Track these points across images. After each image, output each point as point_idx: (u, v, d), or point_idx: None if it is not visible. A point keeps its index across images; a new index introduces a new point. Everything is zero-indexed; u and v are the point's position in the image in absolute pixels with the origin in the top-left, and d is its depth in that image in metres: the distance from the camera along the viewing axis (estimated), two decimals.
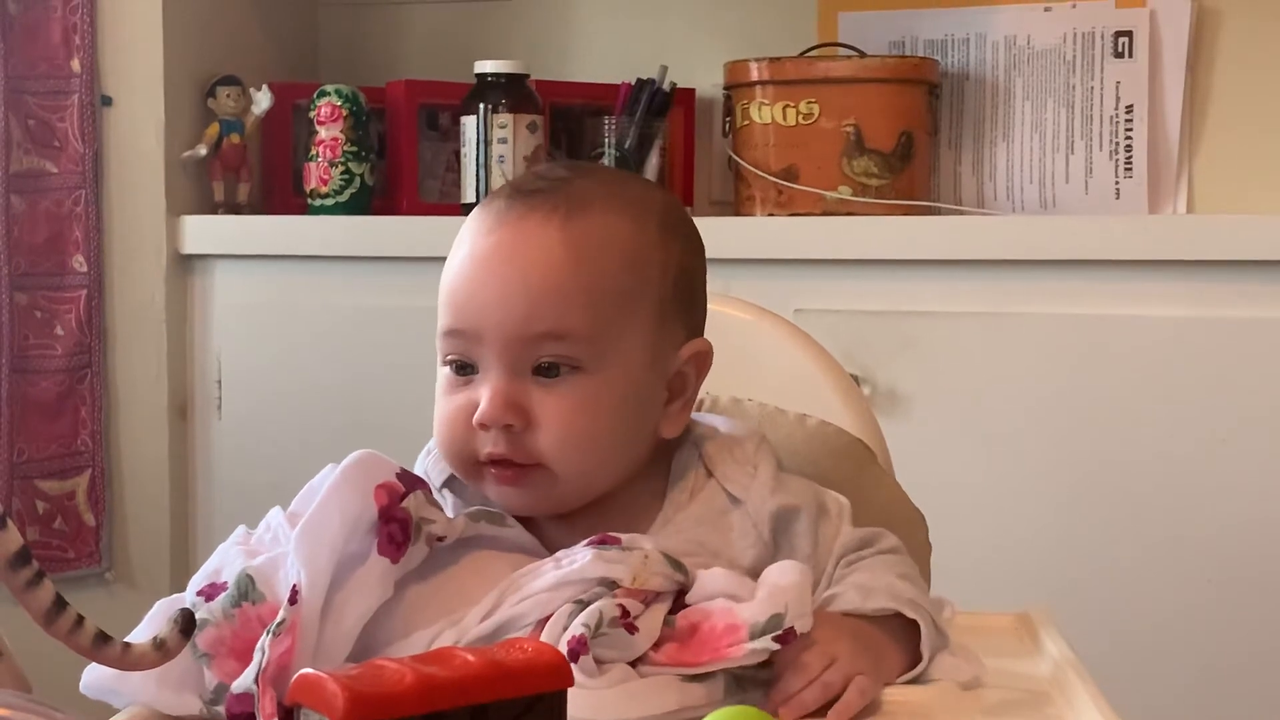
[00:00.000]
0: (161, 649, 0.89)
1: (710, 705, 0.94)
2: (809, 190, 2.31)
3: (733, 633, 0.96)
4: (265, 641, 0.93)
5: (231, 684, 0.93)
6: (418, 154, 2.51)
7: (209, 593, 0.99)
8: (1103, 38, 2.40)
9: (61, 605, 0.85)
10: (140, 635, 0.94)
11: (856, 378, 2.04)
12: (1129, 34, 2.39)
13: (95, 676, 0.96)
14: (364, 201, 2.43)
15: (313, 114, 2.43)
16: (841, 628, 1.02)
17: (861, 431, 1.37)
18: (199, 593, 0.99)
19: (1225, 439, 2.06)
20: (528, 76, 2.39)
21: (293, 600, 0.94)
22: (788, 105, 2.33)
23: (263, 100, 2.46)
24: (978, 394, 2.15)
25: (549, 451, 1.06)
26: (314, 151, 2.42)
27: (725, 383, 1.21)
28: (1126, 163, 2.39)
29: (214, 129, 2.46)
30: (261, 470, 2.37)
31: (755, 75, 2.35)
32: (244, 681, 0.93)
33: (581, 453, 1.07)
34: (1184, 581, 2.08)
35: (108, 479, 2.43)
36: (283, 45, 2.69)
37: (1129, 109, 2.39)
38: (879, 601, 1.04)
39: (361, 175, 2.42)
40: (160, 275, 2.41)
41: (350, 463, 1.01)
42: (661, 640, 0.98)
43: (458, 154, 2.43)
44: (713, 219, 2.31)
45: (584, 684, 0.92)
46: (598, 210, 1.09)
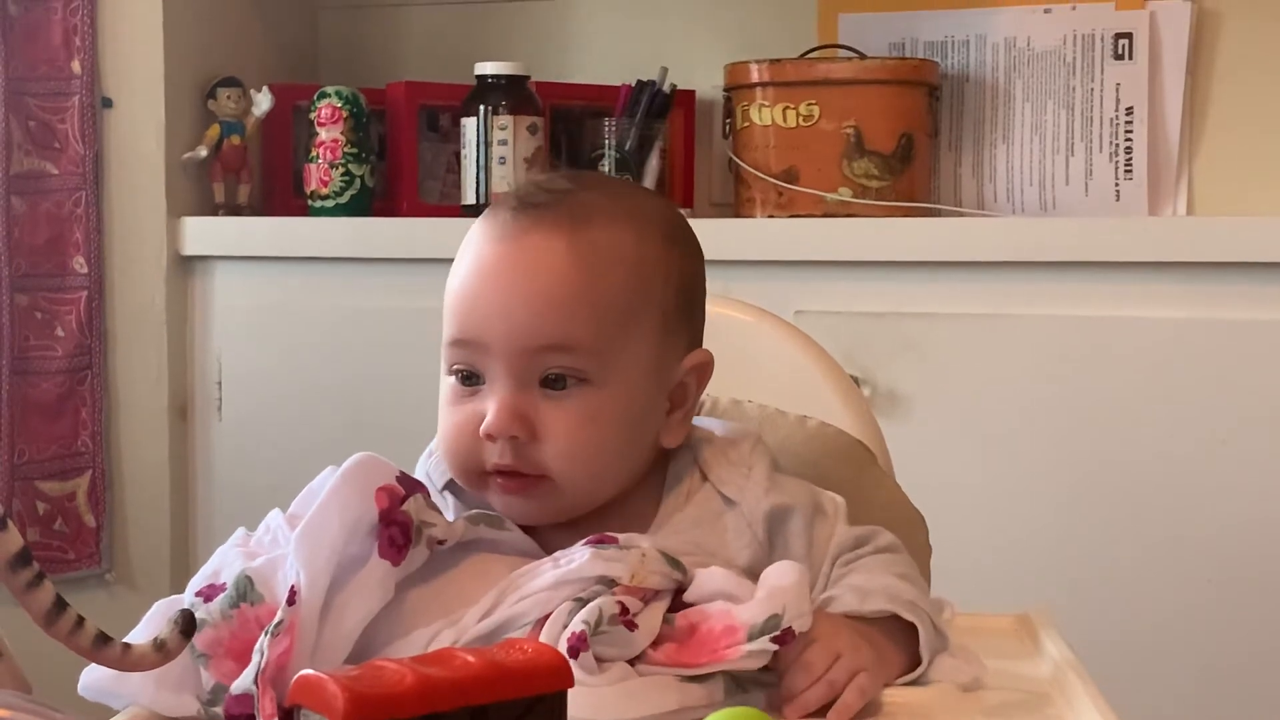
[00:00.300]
0: (162, 650, 0.89)
1: (710, 705, 0.94)
2: (809, 192, 2.32)
3: (731, 634, 0.97)
4: (264, 642, 0.93)
5: (229, 684, 0.94)
6: (418, 155, 2.51)
7: (208, 594, 0.99)
8: (1103, 40, 2.40)
9: (62, 606, 0.85)
10: (138, 636, 0.94)
11: (856, 379, 2.04)
12: (1129, 36, 2.39)
13: (94, 678, 0.96)
14: (364, 203, 2.43)
15: (313, 115, 2.43)
16: (841, 624, 1.02)
17: (861, 433, 1.37)
18: (198, 594, 0.99)
19: (1225, 440, 2.06)
20: (528, 78, 2.39)
21: (291, 601, 0.94)
22: (788, 107, 2.33)
23: (263, 102, 2.46)
24: (978, 395, 2.15)
25: (554, 463, 1.07)
26: (314, 153, 2.42)
27: (726, 384, 1.22)
28: (1126, 164, 2.39)
29: (214, 130, 2.46)
30: (261, 472, 2.37)
31: (755, 77, 2.35)
32: (243, 682, 0.93)
33: (586, 465, 1.07)
34: (1184, 582, 2.07)
35: (108, 480, 2.43)
36: (283, 47, 2.69)
37: (1129, 111, 2.39)
38: (876, 603, 1.04)
39: (362, 177, 2.42)
40: (161, 276, 2.41)
41: (350, 465, 1.01)
42: (660, 639, 0.98)
43: (458, 155, 2.43)
44: (713, 220, 2.31)
45: (584, 681, 0.92)
46: (602, 223, 1.09)
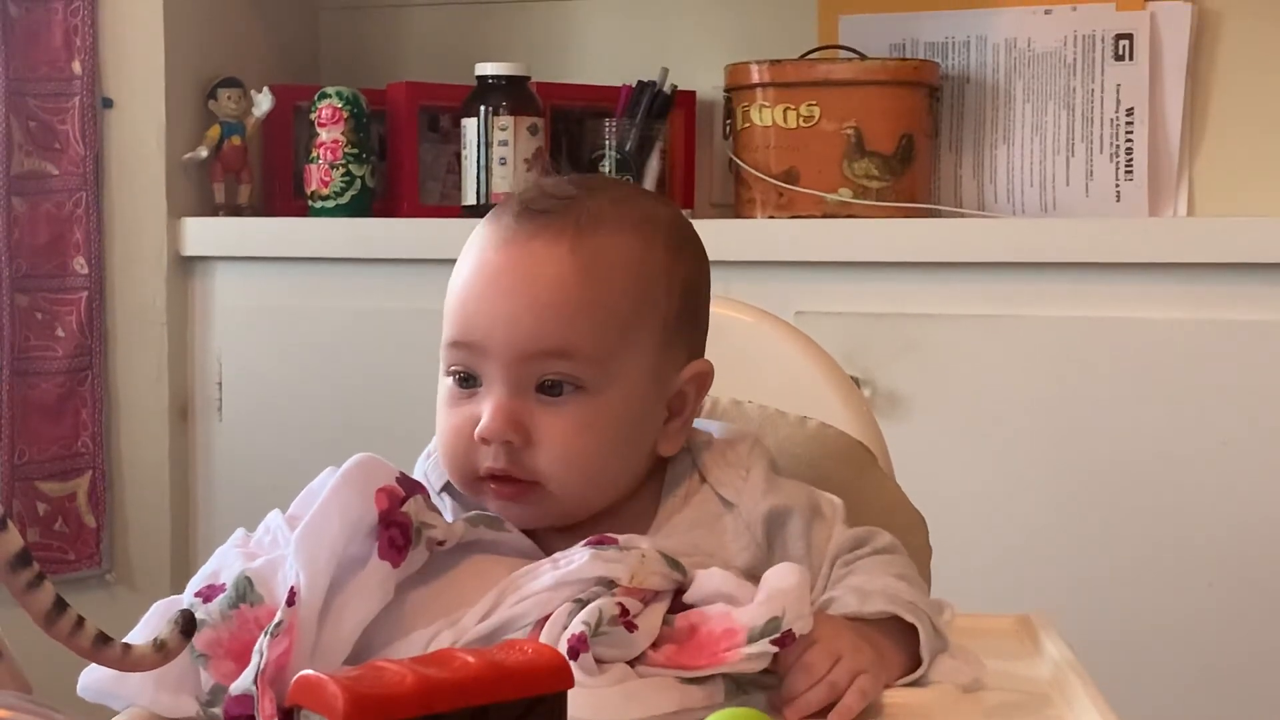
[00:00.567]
0: (162, 650, 0.88)
1: (710, 707, 0.94)
2: (809, 192, 2.31)
3: (730, 637, 0.96)
4: (263, 643, 0.93)
5: (228, 685, 0.93)
6: (418, 156, 2.51)
7: (207, 594, 0.99)
8: (1103, 40, 2.40)
9: (62, 607, 0.85)
10: (137, 637, 0.94)
11: (857, 380, 2.03)
12: (1129, 37, 2.39)
13: (93, 679, 0.95)
14: (365, 203, 2.43)
15: (313, 116, 2.43)
16: (843, 626, 1.02)
17: (862, 434, 1.37)
18: (197, 594, 0.99)
19: (1226, 441, 2.06)
20: (528, 79, 2.39)
21: (290, 602, 0.94)
22: (788, 108, 2.33)
23: (263, 102, 2.46)
24: (978, 396, 2.15)
25: (548, 470, 1.07)
26: (315, 153, 2.42)
27: (726, 385, 1.21)
28: (1127, 165, 2.39)
29: (215, 131, 2.46)
30: (262, 472, 2.37)
31: (756, 77, 2.35)
32: (243, 683, 0.93)
33: (580, 472, 1.07)
34: (1184, 584, 2.07)
35: (108, 481, 2.43)
36: (284, 47, 2.69)
37: (1129, 112, 2.39)
38: (876, 605, 1.04)
39: (362, 177, 2.42)
40: (161, 277, 2.41)
41: (350, 466, 1.01)
42: (660, 640, 0.98)
43: (458, 156, 2.43)
44: (713, 221, 2.31)
45: (584, 682, 0.92)
46: (606, 230, 1.09)
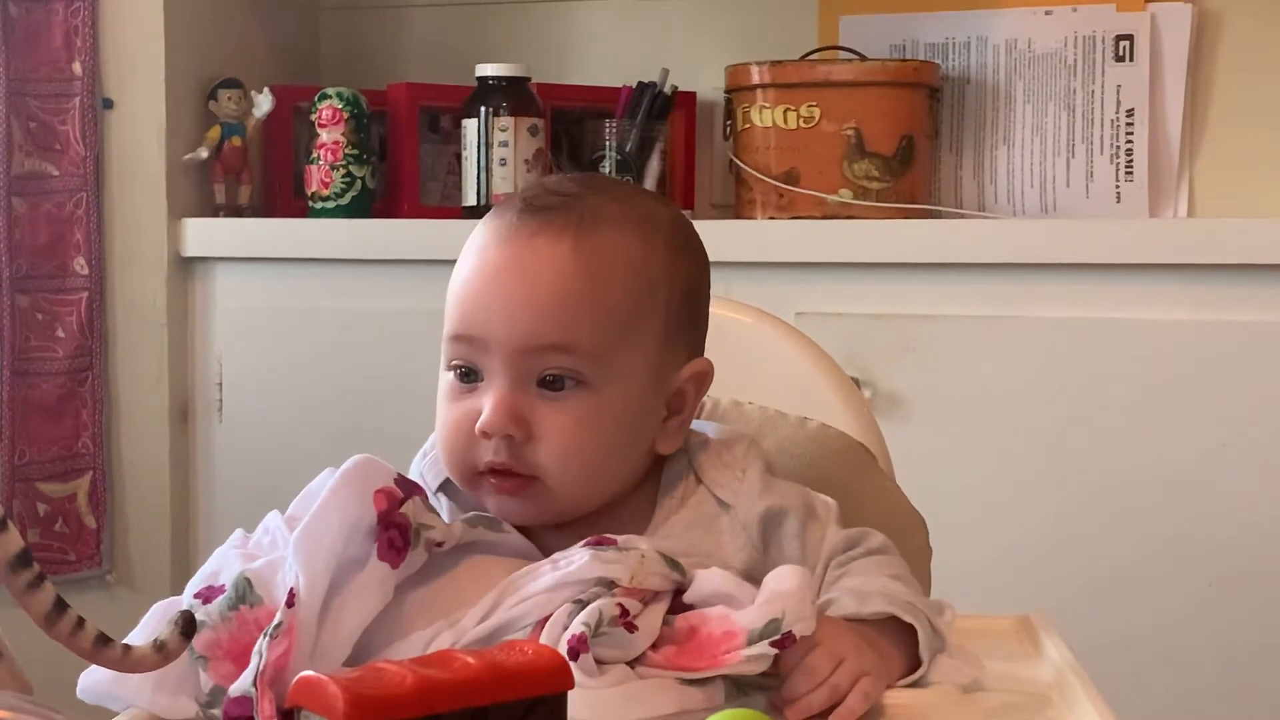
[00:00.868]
0: (162, 651, 0.88)
1: (710, 708, 0.94)
2: (810, 193, 2.31)
3: (730, 639, 0.96)
4: (263, 644, 0.93)
5: (228, 686, 0.93)
6: (419, 157, 2.51)
7: (206, 595, 0.99)
8: (1104, 41, 2.40)
9: (62, 607, 0.85)
10: (136, 638, 0.93)
11: (857, 381, 2.03)
12: (1130, 37, 2.39)
13: (92, 681, 0.95)
14: (365, 204, 2.43)
15: (314, 117, 2.43)
16: (845, 628, 1.02)
17: (862, 435, 1.37)
18: (196, 595, 0.99)
19: (1227, 442, 2.06)
20: (529, 79, 2.39)
21: (290, 603, 0.94)
22: (788, 108, 2.33)
23: (264, 103, 2.46)
24: (978, 397, 2.15)
25: (547, 464, 1.07)
26: (315, 154, 2.42)
27: (726, 385, 1.22)
28: (1127, 166, 2.39)
29: (215, 132, 2.46)
30: (262, 473, 2.37)
31: (756, 78, 2.35)
32: (242, 684, 0.93)
33: (579, 468, 1.08)
34: (1185, 585, 2.07)
35: (109, 481, 2.43)
36: (284, 48, 2.69)
37: (1130, 112, 2.39)
38: (875, 605, 1.04)
39: (362, 178, 2.42)
40: (161, 278, 2.41)
41: (349, 467, 1.01)
42: (660, 641, 0.98)
43: (459, 157, 2.43)
44: (713, 222, 2.31)
45: (584, 683, 0.92)
46: (609, 229, 1.09)
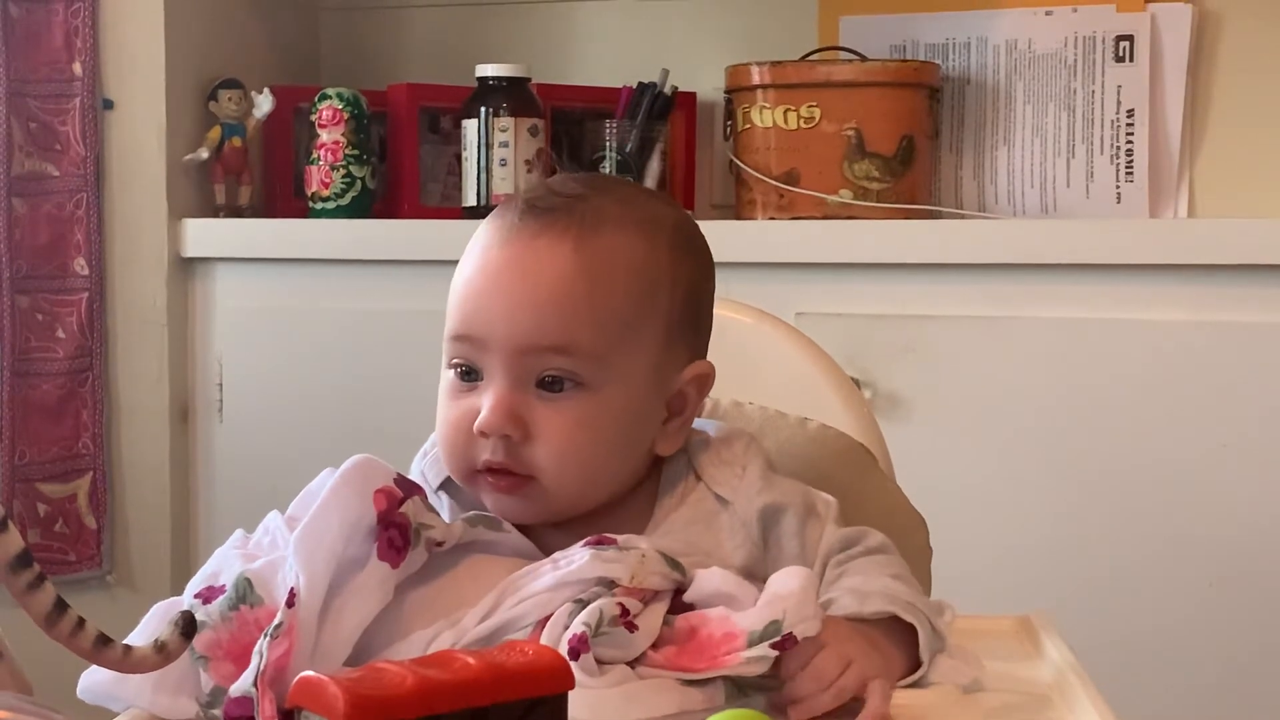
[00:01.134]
0: (162, 651, 0.88)
1: (710, 709, 0.94)
2: (810, 194, 2.31)
3: (730, 640, 0.96)
4: (264, 644, 0.93)
5: (228, 687, 0.93)
6: (419, 157, 2.51)
7: (206, 596, 0.99)
8: (1104, 42, 2.40)
9: (62, 608, 0.85)
10: (136, 639, 0.93)
11: (857, 381, 2.03)
12: (1130, 38, 2.39)
13: (93, 681, 0.95)
14: (365, 205, 2.43)
15: (314, 117, 2.43)
16: (850, 630, 1.01)
17: (862, 435, 1.37)
18: (196, 596, 0.99)
19: (1227, 443, 2.06)
20: (529, 80, 2.39)
21: (290, 603, 0.94)
22: (789, 109, 2.33)
23: (264, 103, 2.46)
24: (978, 398, 2.15)
25: (544, 465, 1.07)
26: (315, 155, 2.42)
27: (727, 386, 1.21)
28: (1127, 167, 2.39)
29: (215, 132, 2.46)
30: (262, 473, 2.36)
31: (756, 79, 2.35)
32: (243, 684, 0.93)
33: (576, 468, 1.08)
34: (1185, 585, 2.07)
35: (109, 482, 2.43)
36: (284, 48, 2.69)
37: (1130, 113, 2.39)
38: (876, 605, 1.03)
39: (363, 178, 2.42)
40: (161, 278, 2.41)
41: (348, 467, 1.01)
42: (660, 641, 0.98)
43: (459, 157, 2.43)
44: (714, 222, 2.30)
45: (584, 683, 0.92)
46: (610, 230, 1.09)
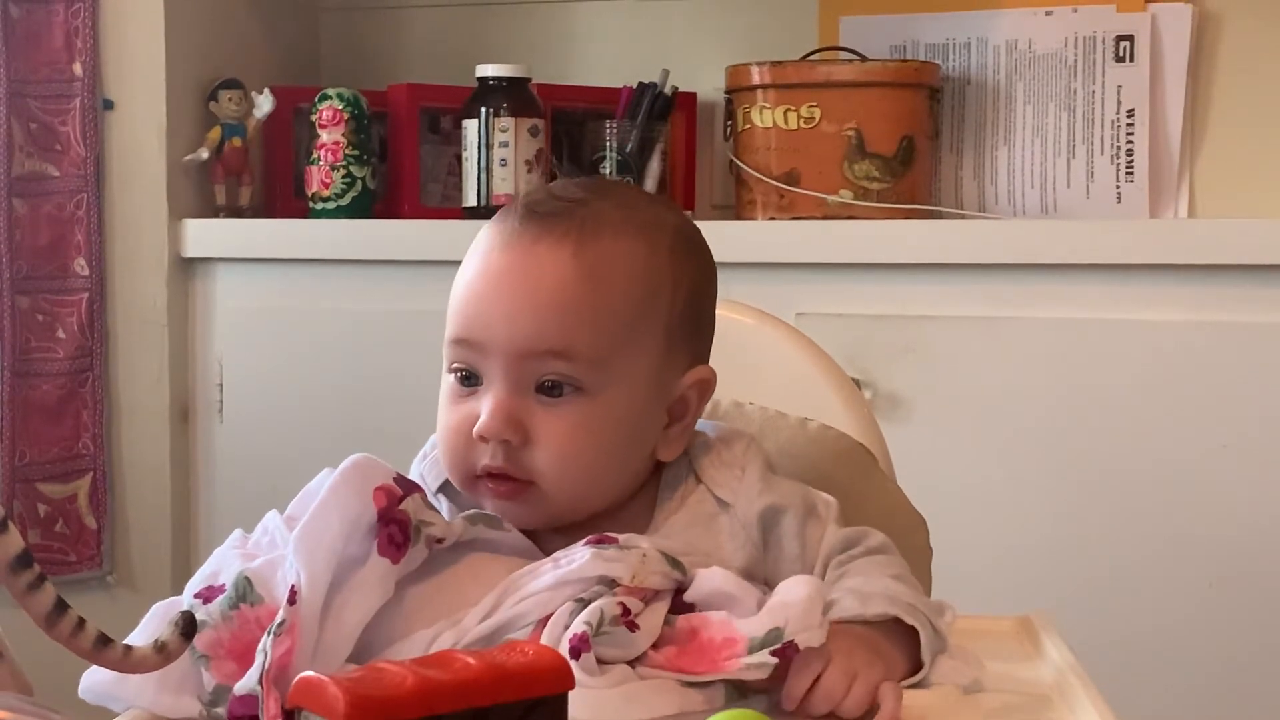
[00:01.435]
0: (163, 651, 0.88)
1: (710, 710, 0.94)
2: (810, 194, 2.31)
3: (730, 646, 0.96)
4: (267, 642, 0.93)
5: (231, 685, 0.94)
6: (419, 157, 2.51)
7: (206, 595, 0.99)
8: (1104, 42, 2.40)
9: (63, 608, 0.85)
10: (137, 639, 0.93)
11: (858, 381, 2.03)
12: (1130, 38, 2.39)
13: (94, 681, 0.96)
14: (365, 205, 2.43)
15: (314, 117, 2.43)
16: (854, 640, 1.00)
17: (863, 435, 1.37)
18: (196, 595, 0.99)
19: (1227, 443, 2.06)
20: (529, 80, 2.39)
21: (291, 601, 0.94)
22: (789, 109, 2.33)
23: (264, 104, 2.46)
24: (979, 398, 2.15)
25: (543, 470, 1.07)
26: (315, 155, 2.42)
27: (727, 386, 1.21)
28: (1128, 167, 2.39)
29: (216, 132, 2.46)
30: (263, 474, 2.37)
31: (756, 79, 2.35)
32: (247, 683, 0.93)
33: (576, 473, 1.07)
34: (1185, 586, 2.07)
35: (109, 482, 2.43)
36: (284, 49, 2.69)
37: (1130, 113, 2.39)
38: (878, 607, 1.03)
39: (363, 179, 2.42)
40: (162, 278, 2.41)
41: (348, 466, 1.01)
42: (661, 641, 0.98)
43: (459, 157, 2.43)
44: (714, 223, 2.30)
45: (585, 683, 0.92)
46: (611, 235, 1.09)
